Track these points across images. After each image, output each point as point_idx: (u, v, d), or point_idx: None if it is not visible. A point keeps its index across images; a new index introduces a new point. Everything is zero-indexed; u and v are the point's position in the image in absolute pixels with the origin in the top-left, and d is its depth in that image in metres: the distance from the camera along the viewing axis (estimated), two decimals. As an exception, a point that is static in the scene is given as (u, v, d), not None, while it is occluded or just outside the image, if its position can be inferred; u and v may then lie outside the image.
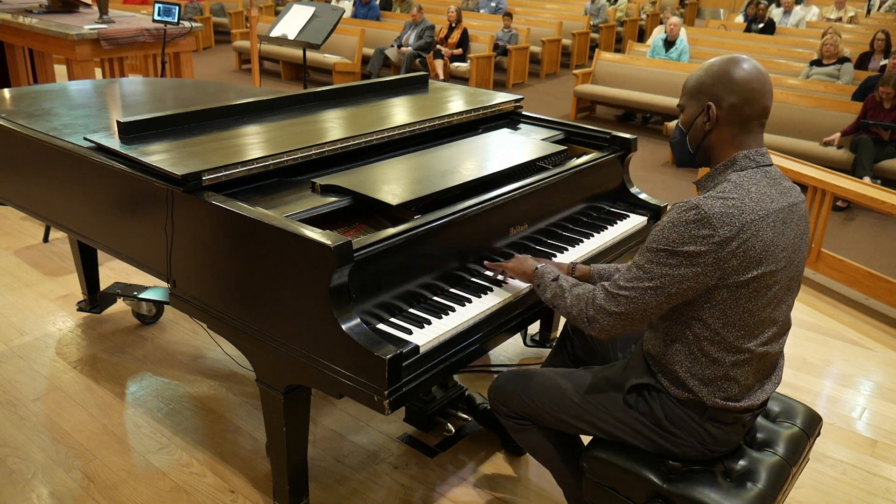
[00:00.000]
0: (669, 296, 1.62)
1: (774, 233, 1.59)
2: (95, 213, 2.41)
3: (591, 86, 8.17)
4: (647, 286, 1.62)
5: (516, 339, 3.25)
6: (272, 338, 1.90)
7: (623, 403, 1.81)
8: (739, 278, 1.58)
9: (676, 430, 1.75)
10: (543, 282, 1.92)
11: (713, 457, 1.79)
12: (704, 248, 1.55)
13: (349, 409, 2.77)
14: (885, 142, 5.77)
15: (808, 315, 3.78)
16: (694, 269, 1.57)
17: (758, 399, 1.74)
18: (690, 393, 1.71)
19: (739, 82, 1.63)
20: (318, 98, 2.85)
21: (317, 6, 5.03)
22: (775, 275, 1.61)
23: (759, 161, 1.66)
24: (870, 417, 2.92)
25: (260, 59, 9.12)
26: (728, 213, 1.55)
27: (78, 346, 3.19)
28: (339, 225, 2.10)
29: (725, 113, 1.65)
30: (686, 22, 12.70)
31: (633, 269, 1.66)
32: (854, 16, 10.93)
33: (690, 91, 1.72)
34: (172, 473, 2.44)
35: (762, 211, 1.58)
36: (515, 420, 1.99)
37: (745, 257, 1.56)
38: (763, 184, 1.62)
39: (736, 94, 1.64)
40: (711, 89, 1.66)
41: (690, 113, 1.72)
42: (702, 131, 1.70)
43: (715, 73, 1.66)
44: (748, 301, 1.61)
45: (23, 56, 6.06)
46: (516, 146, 2.58)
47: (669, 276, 1.59)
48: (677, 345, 1.71)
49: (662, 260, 1.59)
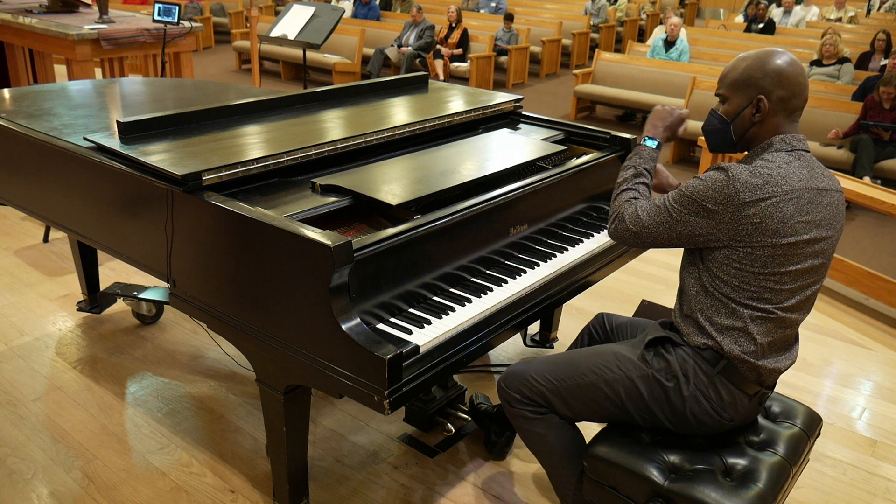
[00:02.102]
0: (680, 235, 1.76)
1: (797, 208, 1.67)
2: (95, 213, 2.41)
3: (591, 86, 8.17)
4: (663, 219, 1.78)
5: (516, 339, 3.25)
6: (272, 338, 1.90)
7: (639, 359, 1.87)
8: (754, 243, 1.68)
9: (688, 382, 1.79)
10: (630, 161, 2.02)
11: (720, 424, 1.81)
12: (722, 208, 1.67)
13: (349, 409, 2.77)
14: (885, 142, 5.77)
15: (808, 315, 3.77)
16: (708, 221, 1.70)
17: (772, 365, 1.79)
18: (709, 339, 1.78)
19: (789, 76, 1.72)
20: (319, 98, 2.85)
21: (317, 6, 5.03)
22: (796, 248, 1.68)
23: (795, 145, 1.74)
24: (870, 417, 2.92)
25: (260, 59, 9.13)
26: (752, 182, 1.65)
27: (78, 346, 3.19)
28: (339, 225, 2.10)
29: (774, 105, 1.74)
30: (686, 22, 12.69)
31: (661, 202, 1.80)
32: (854, 16, 10.93)
33: (736, 82, 1.78)
34: (172, 473, 2.44)
35: (787, 186, 1.66)
36: (529, 408, 1.99)
37: (762, 225, 1.66)
38: (794, 165, 1.70)
39: (784, 87, 1.72)
40: (761, 82, 1.73)
41: (737, 104, 1.79)
42: (749, 122, 1.78)
43: (763, 66, 1.73)
44: (763, 266, 1.70)
45: (23, 56, 6.06)
46: (516, 146, 2.58)
47: (683, 219, 1.74)
48: (701, 296, 1.81)
49: (686, 204, 1.73)
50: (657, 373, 1.83)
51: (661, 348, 1.86)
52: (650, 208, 1.83)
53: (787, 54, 1.74)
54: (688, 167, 6.64)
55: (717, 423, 1.81)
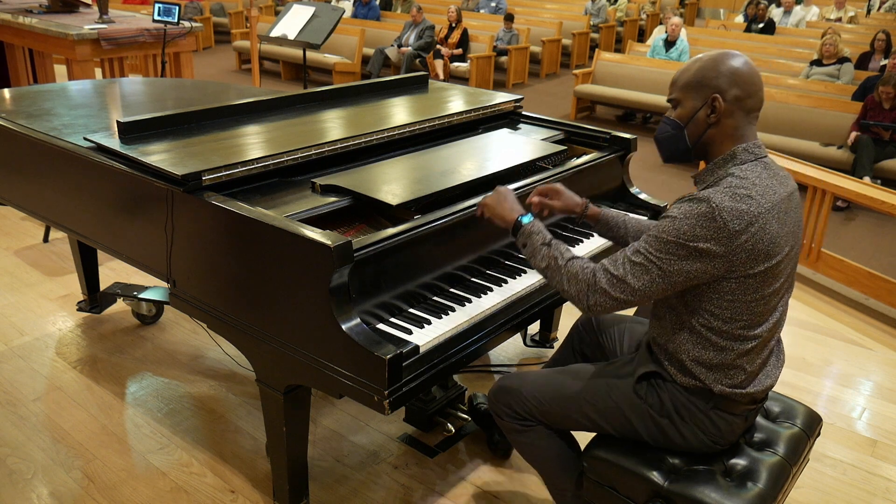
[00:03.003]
0: (675, 285, 1.63)
1: (779, 224, 1.61)
2: (95, 213, 2.41)
3: (591, 86, 8.17)
4: (653, 276, 1.62)
5: (516, 339, 3.25)
6: (272, 338, 1.90)
7: (632, 393, 1.81)
8: (748, 271, 1.59)
9: (682, 421, 1.75)
10: (532, 244, 1.82)
11: (717, 449, 1.79)
12: (714, 243, 1.55)
13: (349, 409, 2.77)
14: (885, 142, 5.77)
15: (808, 315, 3.78)
16: (703, 262, 1.58)
17: (763, 385, 1.75)
18: (696, 380, 1.72)
19: (744, 75, 1.65)
20: (319, 98, 2.85)
21: (317, 6, 5.03)
22: (780, 265, 1.63)
23: (757, 153, 1.67)
24: (870, 417, 2.92)
25: (260, 59, 9.12)
26: (738, 208, 1.55)
27: (78, 346, 3.19)
28: (339, 225, 2.10)
29: (730, 105, 1.65)
30: (686, 22, 12.69)
31: (639, 256, 1.63)
32: (854, 16, 10.93)
33: (689, 84, 1.69)
34: (172, 473, 2.44)
35: (768, 204, 1.59)
36: (518, 421, 1.97)
37: (754, 251, 1.57)
38: (764, 176, 1.63)
39: (740, 86, 1.64)
40: (715, 82, 1.65)
41: (691, 106, 1.69)
42: (704, 125, 1.69)
43: (717, 65, 1.66)
44: (755, 291, 1.62)
45: (23, 56, 6.06)
46: (516, 146, 2.58)
47: (676, 268, 1.59)
48: (684, 333, 1.72)
49: (672, 251, 1.59)
50: (650, 408, 1.78)
51: (652, 381, 1.80)
52: (627, 266, 1.64)
53: (741, 55, 1.68)
54: (687, 167, 6.63)
55: (714, 448, 1.79)
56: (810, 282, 4.17)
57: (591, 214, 2.12)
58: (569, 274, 1.73)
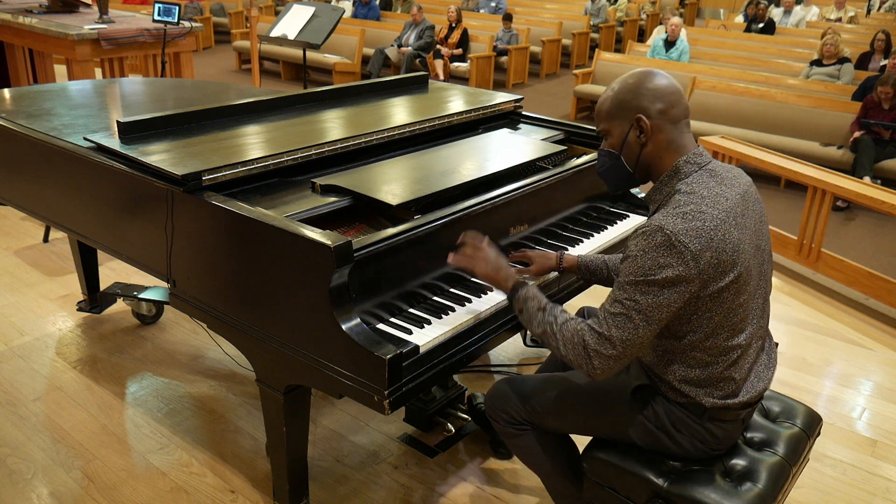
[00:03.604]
0: (660, 321, 1.59)
1: (738, 230, 1.59)
2: (95, 213, 2.41)
3: (591, 86, 8.17)
4: (636, 321, 1.57)
5: (516, 339, 3.25)
6: (272, 338, 1.90)
7: (628, 405, 1.81)
8: (719, 284, 1.56)
9: (678, 433, 1.75)
10: (528, 310, 1.78)
11: (714, 455, 1.79)
12: (680, 269, 1.52)
13: (349, 409, 2.77)
14: (885, 142, 5.77)
15: (808, 315, 3.78)
16: (676, 289, 1.54)
17: (756, 389, 1.74)
18: (687, 397, 1.72)
19: (660, 89, 1.65)
20: (319, 98, 2.85)
21: (317, 6, 5.03)
22: (749, 269, 1.62)
23: (700, 162, 1.65)
24: (870, 417, 2.92)
25: (260, 59, 9.13)
26: (692, 227, 1.53)
27: (78, 346, 3.19)
28: (339, 225, 2.10)
29: (656, 120, 1.65)
30: (686, 22, 12.70)
31: (617, 306, 1.59)
32: (854, 16, 10.93)
33: (610, 112, 1.70)
34: (172, 473, 2.44)
35: (722, 213, 1.56)
36: (514, 426, 1.97)
37: (719, 263, 1.54)
38: (712, 184, 1.61)
39: (660, 99, 1.65)
40: (634, 102, 1.66)
41: (619, 132, 1.70)
42: (637, 146, 1.68)
43: (632, 87, 1.67)
44: (731, 302, 1.61)
45: (23, 56, 6.06)
46: (516, 146, 2.58)
47: (654, 304, 1.56)
48: (668, 355, 1.71)
49: (643, 290, 1.55)
50: (646, 419, 1.77)
51: (647, 394, 1.79)
52: (609, 320, 1.59)
53: (652, 71, 1.69)
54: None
55: (712, 454, 1.79)
56: (810, 282, 4.17)
57: (568, 266, 2.15)
58: (563, 339, 1.68)
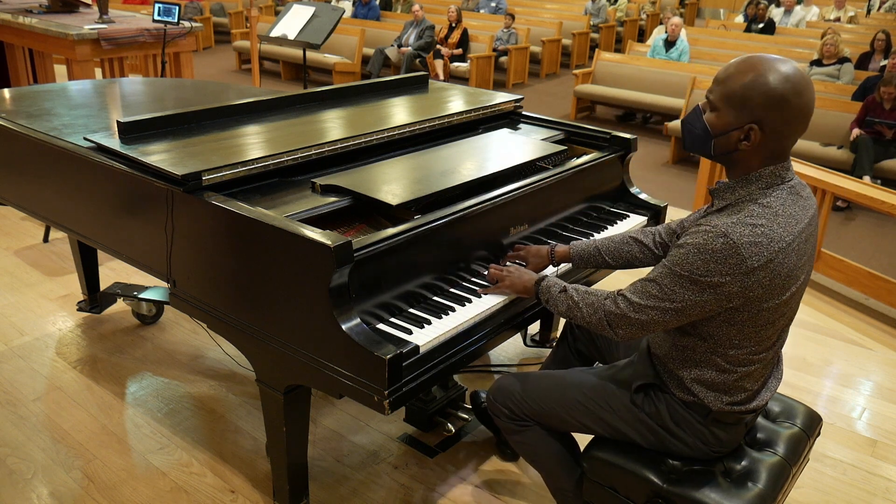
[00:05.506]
0: (690, 316, 1.60)
1: (798, 256, 1.56)
2: (95, 213, 2.41)
3: (591, 86, 8.17)
4: (667, 307, 1.59)
5: (516, 339, 3.25)
6: (272, 338, 1.90)
7: (630, 402, 1.81)
8: (763, 305, 1.55)
9: (681, 431, 1.75)
10: (551, 296, 1.88)
11: (715, 456, 1.79)
12: (730, 278, 1.50)
13: (349, 409, 2.77)
14: (885, 142, 5.77)
15: (808, 315, 3.78)
16: (717, 295, 1.53)
17: (763, 399, 1.75)
18: (695, 397, 1.71)
19: (795, 110, 1.50)
20: (319, 98, 2.85)
21: (317, 6, 5.03)
22: (794, 295, 1.61)
23: (785, 177, 1.57)
24: (870, 417, 2.92)
25: (260, 59, 9.13)
26: (757, 243, 1.49)
27: (78, 346, 3.19)
28: (339, 225, 2.10)
29: (767, 136, 1.53)
30: (686, 22, 12.70)
31: (654, 287, 1.61)
32: (854, 16, 10.93)
33: (731, 97, 1.54)
34: (172, 473, 2.44)
35: (790, 237, 1.53)
36: (516, 422, 1.97)
37: (771, 285, 1.53)
38: (789, 203, 1.56)
39: (788, 122, 1.51)
40: (760, 110, 1.50)
41: (726, 121, 1.56)
42: (734, 146, 1.57)
43: (765, 86, 1.49)
44: (767, 320, 1.59)
45: (23, 56, 6.06)
46: (516, 146, 2.58)
47: (692, 300, 1.56)
48: (687, 353, 1.70)
49: (686, 285, 1.55)
50: (649, 417, 1.78)
51: (650, 391, 1.79)
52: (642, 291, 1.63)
53: (796, 75, 1.49)
54: (688, 167, 6.63)
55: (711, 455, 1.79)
56: (810, 282, 4.17)
57: (560, 257, 2.18)
58: (586, 306, 1.76)
